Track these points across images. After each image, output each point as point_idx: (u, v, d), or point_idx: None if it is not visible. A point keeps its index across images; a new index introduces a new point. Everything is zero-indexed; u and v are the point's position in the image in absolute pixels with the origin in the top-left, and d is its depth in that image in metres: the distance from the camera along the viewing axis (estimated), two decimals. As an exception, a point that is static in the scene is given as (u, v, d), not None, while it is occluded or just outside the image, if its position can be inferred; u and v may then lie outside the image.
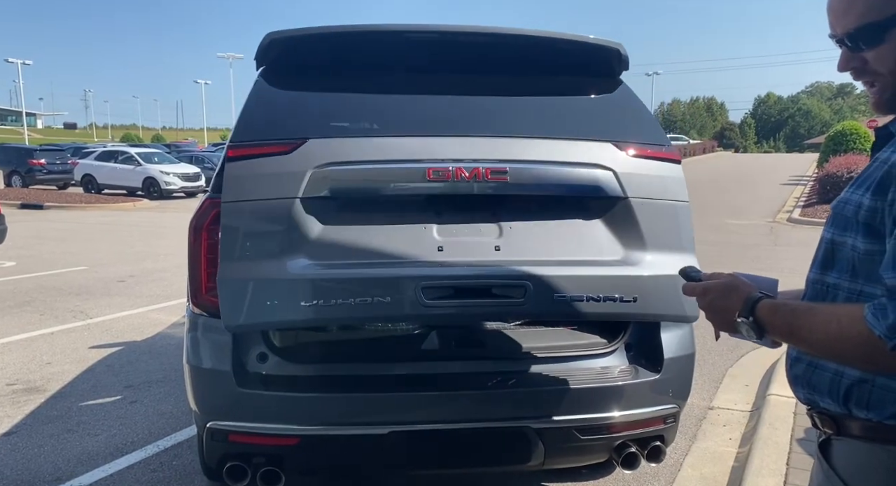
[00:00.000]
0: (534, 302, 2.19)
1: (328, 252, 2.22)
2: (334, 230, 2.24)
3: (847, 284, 1.13)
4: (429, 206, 2.32)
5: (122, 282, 7.96)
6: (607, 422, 2.44)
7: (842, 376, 1.13)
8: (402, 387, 2.40)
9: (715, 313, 1.26)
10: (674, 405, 2.54)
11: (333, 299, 2.15)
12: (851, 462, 1.14)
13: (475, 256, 2.25)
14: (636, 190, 2.34)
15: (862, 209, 1.09)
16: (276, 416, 2.32)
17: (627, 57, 2.69)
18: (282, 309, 2.15)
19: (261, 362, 2.40)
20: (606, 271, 2.29)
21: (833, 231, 1.17)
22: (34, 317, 6.31)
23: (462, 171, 2.21)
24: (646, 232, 2.35)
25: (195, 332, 2.44)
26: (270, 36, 2.54)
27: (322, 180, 2.21)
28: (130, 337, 5.67)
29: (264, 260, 2.18)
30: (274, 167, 2.22)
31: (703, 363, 4.78)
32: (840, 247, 1.15)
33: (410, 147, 2.28)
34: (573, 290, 2.22)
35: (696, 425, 3.91)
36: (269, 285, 2.16)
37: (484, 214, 2.36)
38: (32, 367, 4.91)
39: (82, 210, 17.29)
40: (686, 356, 2.60)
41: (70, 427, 3.83)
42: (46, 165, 23.48)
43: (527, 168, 2.28)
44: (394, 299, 2.15)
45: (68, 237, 11.96)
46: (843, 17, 1.14)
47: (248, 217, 2.21)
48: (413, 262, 2.21)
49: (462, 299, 2.19)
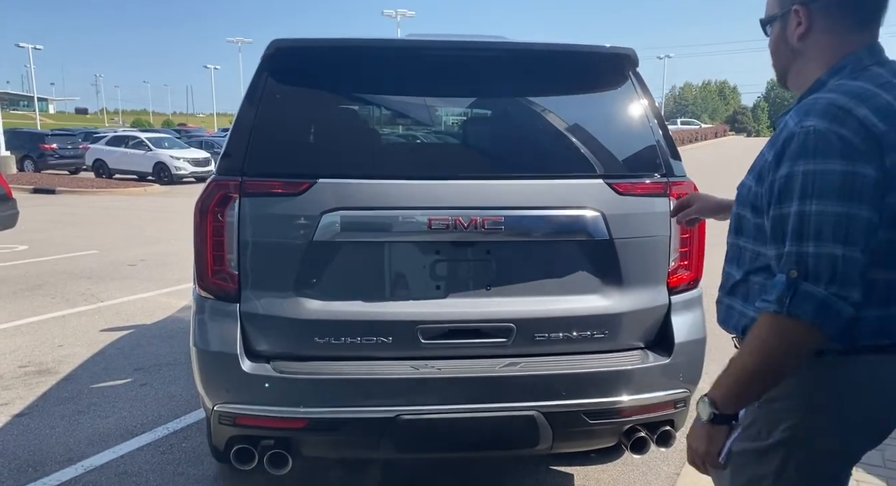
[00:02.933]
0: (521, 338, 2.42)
1: (331, 290, 2.37)
2: (338, 269, 2.37)
3: (751, 246, 1.41)
4: (429, 248, 2.43)
5: (132, 266, 8.00)
6: (616, 406, 2.42)
7: (743, 316, 1.43)
8: (409, 370, 2.38)
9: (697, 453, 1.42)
10: (684, 389, 2.52)
11: (334, 336, 2.37)
12: None
13: (469, 295, 2.44)
14: (621, 230, 2.46)
15: (750, 192, 1.39)
16: (283, 399, 2.31)
17: (636, 58, 2.63)
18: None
19: (268, 347, 2.39)
20: (589, 308, 2.46)
21: (737, 206, 1.46)
22: (46, 300, 6.36)
23: (461, 221, 2.35)
24: (624, 269, 2.47)
25: (202, 315, 2.43)
26: (276, 44, 2.49)
27: (329, 224, 2.32)
28: (140, 320, 5.71)
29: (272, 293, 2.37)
30: (286, 208, 2.34)
31: (715, 350, 4.73)
32: (743, 219, 1.44)
33: (414, 192, 2.40)
34: (560, 327, 2.45)
35: (706, 410, 3.87)
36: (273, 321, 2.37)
37: (480, 254, 2.46)
38: (44, 349, 4.95)
39: (93, 195, 17.37)
40: (697, 340, 2.58)
41: (81, 409, 3.86)
42: (58, 150, 23.60)
43: (521, 216, 2.42)
44: (395, 338, 2.38)
45: (80, 222, 12.03)
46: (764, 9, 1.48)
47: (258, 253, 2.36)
48: (413, 300, 2.41)
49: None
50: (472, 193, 2.41)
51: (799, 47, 1.41)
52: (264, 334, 2.39)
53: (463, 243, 2.43)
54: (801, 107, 1.31)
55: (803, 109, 1.29)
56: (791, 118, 1.30)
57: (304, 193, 2.35)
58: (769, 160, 1.31)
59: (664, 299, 2.54)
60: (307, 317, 2.37)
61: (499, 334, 2.45)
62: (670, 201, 2.50)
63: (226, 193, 2.34)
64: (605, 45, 2.60)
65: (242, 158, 2.38)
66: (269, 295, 2.38)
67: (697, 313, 2.60)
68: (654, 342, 2.56)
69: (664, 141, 2.57)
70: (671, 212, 2.20)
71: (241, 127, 2.42)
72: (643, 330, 2.55)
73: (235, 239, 2.35)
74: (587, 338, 2.49)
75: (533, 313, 2.46)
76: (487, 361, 2.44)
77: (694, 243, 2.56)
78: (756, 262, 1.39)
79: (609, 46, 2.60)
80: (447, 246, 2.43)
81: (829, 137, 1.22)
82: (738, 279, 1.45)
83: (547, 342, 2.47)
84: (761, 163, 1.36)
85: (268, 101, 2.45)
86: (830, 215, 1.20)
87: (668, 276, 2.54)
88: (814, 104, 1.28)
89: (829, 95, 1.29)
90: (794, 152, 1.25)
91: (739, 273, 1.45)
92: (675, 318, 2.54)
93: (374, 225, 2.40)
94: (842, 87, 1.30)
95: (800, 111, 1.29)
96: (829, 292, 1.19)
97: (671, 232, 2.50)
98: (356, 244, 2.40)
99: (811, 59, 1.40)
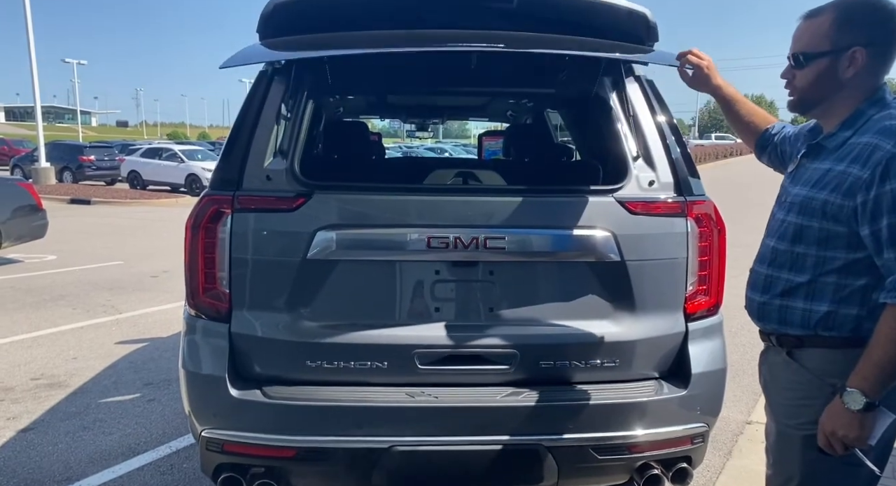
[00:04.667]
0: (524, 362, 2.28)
1: (324, 311, 2.26)
2: (332, 289, 2.26)
3: (814, 252, 1.62)
4: (428, 268, 2.30)
5: (154, 277, 8.05)
6: (628, 441, 2.26)
7: (811, 312, 1.64)
8: (405, 398, 2.25)
9: (841, 430, 1.55)
10: (702, 423, 2.34)
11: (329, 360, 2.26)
12: (818, 360, 1.66)
13: (470, 319, 2.30)
14: (634, 252, 2.29)
15: (829, 205, 1.56)
16: (271, 426, 2.20)
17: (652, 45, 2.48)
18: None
19: (258, 370, 2.29)
20: (598, 334, 2.30)
21: (801, 218, 1.64)
22: (66, 311, 6.40)
23: (461, 239, 2.21)
24: (637, 294, 2.31)
25: (192, 335, 2.35)
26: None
27: (324, 242, 2.22)
28: (156, 333, 5.69)
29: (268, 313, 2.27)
30: (279, 225, 2.24)
31: (740, 374, 4.51)
32: (807, 229, 1.62)
33: (412, 208, 2.30)
34: (567, 354, 2.30)
35: (732, 440, 3.66)
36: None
37: (481, 274, 2.33)
38: (58, 361, 4.94)
39: (127, 206, 17.71)
40: (717, 371, 2.39)
41: (86, 425, 3.81)
42: (95, 162, 24.21)
43: (524, 235, 2.28)
44: (390, 363, 2.26)
45: (110, 232, 12.23)
46: (794, 42, 1.66)
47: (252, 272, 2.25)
48: (410, 323, 2.29)
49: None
50: (474, 210, 2.29)
51: (846, 82, 1.60)
52: (255, 357, 2.29)
53: (464, 263, 2.30)
54: (884, 131, 1.51)
55: (890, 133, 1.50)
56: (881, 141, 1.50)
57: (298, 209, 2.26)
58: (864, 178, 1.49)
59: (681, 326, 2.36)
60: (299, 339, 2.26)
61: (501, 360, 2.30)
62: (688, 222, 2.34)
63: (218, 209, 2.26)
64: (617, 55, 2.45)
65: (237, 172, 2.29)
66: (260, 315, 2.28)
67: (717, 342, 2.42)
68: (670, 372, 2.39)
69: (681, 157, 2.41)
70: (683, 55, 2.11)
71: (236, 140, 2.34)
72: (658, 359, 2.38)
73: (227, 256, 2.26)
74: (597, 367, 2.33)
75: (538, 339, 2.31)
76: (488, 389, 2.29)
77: (714, 266, 2.38)
78: (825, 265, 1.60)
79: (622, 56, 2.45)
80: (447, 266, 2.30)
81: None
82: (800, 282, 1.65)
83: (553, 371, 2.32)
84: (848, 179, 1.53)
85: (267, 111, 2.37)
86: None
87: (686, 301, 2.37)
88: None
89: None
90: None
91: (802, 277, 1.64)
92: (693, 347, 2.36)
93: (369, 243, 2.28)
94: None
95: (888, 135, 1.50)
96: None
97: (689, 254, 2.33)
98: (351, 263, 2.29)
99: (850, 94, 1.61)
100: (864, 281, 1.58)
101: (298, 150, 2.41)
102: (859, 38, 1.56)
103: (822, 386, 1.63)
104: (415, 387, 2.29)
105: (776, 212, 1.78)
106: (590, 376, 2.33)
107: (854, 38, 1.56)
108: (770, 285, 1.73)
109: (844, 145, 1.60)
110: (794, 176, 1.76)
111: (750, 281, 1.84)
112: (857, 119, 1.60)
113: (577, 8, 2.45)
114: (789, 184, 1.76)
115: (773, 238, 1.74)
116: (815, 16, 1.63)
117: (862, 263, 1.57)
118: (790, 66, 1.69)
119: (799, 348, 1.70)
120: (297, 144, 2.41)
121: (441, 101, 4.13)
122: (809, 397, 1.66)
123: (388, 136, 3.36)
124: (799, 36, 1.65)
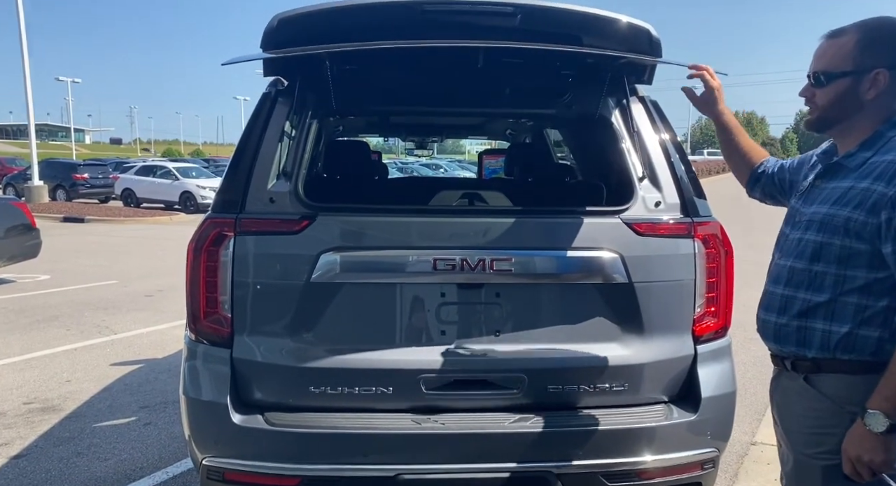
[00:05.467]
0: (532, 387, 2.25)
1: (328, 335, 2.23)
2: (336, 313, 2.23)
3: (834, 270, 1.60)
4: (434, 291, 2.28)
5: (149, 296, 7.96)
6: (638, 467, 2.22)
7: (830, 333, 1.61)
8: (411, 425, 2.21)
9: (870, 454, 1.53)
10: (712, 448, 2.31)
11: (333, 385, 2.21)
12: (837, 386, 1.62)
13: (477, 343, 2.26)
14: (642, 274, 2.27)
15: (852, 223, 1.56)
16: (274, 454, 2.15)
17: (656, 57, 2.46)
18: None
19: (261, 397, 2.24)
20: (607, 358, 2.27)
21: (821, 235, 1.62)
22: (60, 332, 6.32)
23: (467, 261, 2.18)
24: (645, 316, 2.29)
25: (193, 361, 2.29)
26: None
27: (328, 264, 2.19)
28: (152, 354, 5.61)
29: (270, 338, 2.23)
30: (282, 248, 2.21)
31: (744, 393, 4.45)
32: (828, 246, 1.60)
33: (418, 230, 2.28)
34: (576, 378, 2.27)
35: (738, 462, 3.61)
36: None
37: (488, 297, 2.30)
38: (52, 385, 4.86)
39: (120, 224, 17.61)
40: (726, 394, 2.36)
41: (80, 450, 3.73)
42: (89, 180, 24.12)
43: (531, 257, 2.26)
44: (396, 388, 2.22)
45: (104, 251, 12.14)
46: (816, 61, 1.66)
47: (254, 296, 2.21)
48: (416, 347, 2.25)
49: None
50: (480, 232, 2.26)
51: (866, 103, 1.61)
52: (257, 383, 2.24)
53: (470, 286, 2.27)
54: None
55: None
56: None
57: (301, 232, 2.22)
58: (889, 194, 1.50)
59: (689, 348, 2.33)
60: (302, 364, 2.22)
61: (509, 384, 2.26)
62: (695, 243, 2.32)
63: (220, 232, 2.23)
64: (631, 56, 2.42)
65: (240, 194, 2.27)
66: (263, 340, 2.24)
67: (726, 365, 2.39)
68: (679, 396, 2.36)
69: (687, 177, 2.40)
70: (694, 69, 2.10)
71: (239, 161, 2.32)
72: (666, 383, 2.34)
73: (229, 280, 2.22)
74: (605, 391, 2.29)
75: (546, 363, 2.28)
76: (496, 415, 2.25)
77: (721, 287, 2.36)
78: (845, 285, 1.58)
79: (635, 57, 2.43)
80: (453, 288, 2.27)
81: None
82: (819, 301, 1.63)
83: (561, 395, 2.28)
84: (873, 196, 1.53)
85: (270, 132, 2.35)
86: None
87: (694, 323, 2.34)
88: None
89: None
90: None
91: (822, 296, 1.62)
92: (702, 370, 2.33)
93: (374, 265, 2.25)
94: None
95: None
96: None
97: (696, 276, 2.31)
98: (356, 286, 2.26)
99: (870, 114, 1.63)
100: (885, 302, 1.56)
101: (302, 171, 2.39)
102: (883, 60, 1.57)
103: (842, 414, 1.60)
104: (420, 413, 2.24)
105: (788, 232, 1.76)
106: (599, 400, 2.30)
107: (878, 60, 1.57)
108: (787, 306, 1.70)
109: (866, 164, 1.60)
110: (806, 197, 1.75)
111: (763, 303, 1.81)
112: (877, 140, 1.61)
113: (580, 23, 2.43)
114: (801, 205, 1.75)
115: (788, 258, 1.71)
116: (839, 36, 1.63)
117: (884, 283, 1.56)
118: (810, 84, 1.69)
119: (816, 374, 1.67)
120: (301, 166, 2.38)
121: (443, 120, 4.12)
122: (829, 426, 1.63)
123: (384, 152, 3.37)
124: (821, 54, 1.65)
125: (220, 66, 2.36)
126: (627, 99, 2.53)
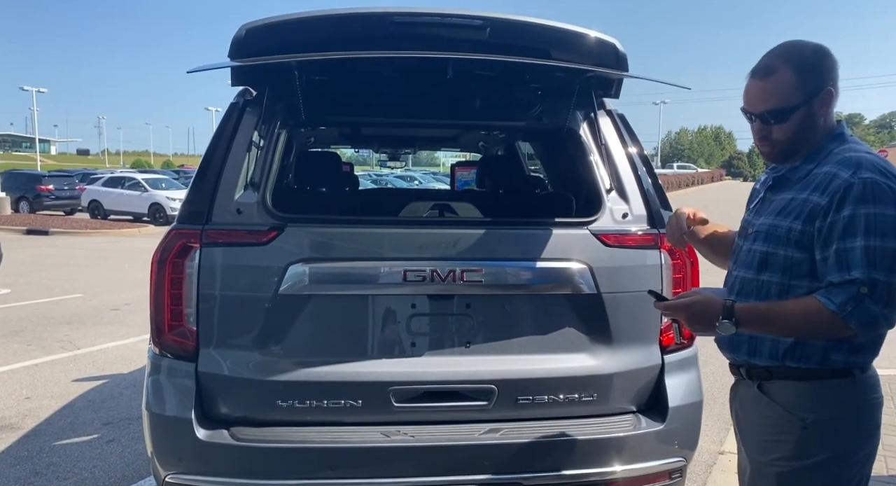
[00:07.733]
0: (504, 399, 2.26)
1: (296, 348, 2.21)
2: (304, 325, 2.22)
3: (778, 279, 1.66)
4: (404, 302, 2.27)
5: (115, 310, 7.79)
6: (606, 478, 2.23)
7: (779, 343, 1.66)
8: (380, 438, 2.19)
9: (700, 322, 1.66)
10: (680, 458, 2.33)
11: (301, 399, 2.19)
12: (787, 393, 1.67)
13: (447, 354, 2.27)
14: (610, 284, 2.30)
15: (792, 232, 1.62)
16: (240, 469, 2.11)
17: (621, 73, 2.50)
18: None
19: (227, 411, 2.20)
20: (576, 368, 2.29)
21: (766, 246, 1.67)
22: (20, 347, 6.13)
23: (438, 273, 2.19)
24: (613, 326, 2.31)
25: (157, 375, 2.25)
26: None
27: (296, 276, 2.17)
28: (116, 369, 5.48)
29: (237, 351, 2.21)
30: (250, 259, 2.19)
31: (712, 403, 4.51)
32: (773, 256, 1.66)
33: (387, 241, 2.28)
34: (545, 389, 2.28)
35: (706, 472, 3.65)
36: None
37: (458, 308, 2.31)
38: (10, 402, 4.71)
39: (87, 236, 17.22)
40: (693, 404, 2.39)
41: (39, 470, 3.61)
42: (54, 191, 23.57)
43: (501, 268, 2.27)
44: (365, 401, 2.21)
45: (69, 263, 11.85)
46: (760, 102, 1.67)
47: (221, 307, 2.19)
48: (386, 359, 2.25)
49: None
50: (451, 243, 2.26)
51: (821, 121, 1.67)
52: (223, 397, 2.20)
53: (440, 297, 2.27)
54: (843, 162, 1.58)
55: (849, 164, 1.57)
56: (840, 170, 1.57)
57: (269, 243, 2.20)
58: (822, 204, 1.56)
59: (657, 358, 2.36)
60: (269, 378, 2.19)
61: (479, 396, 2.26)
62: (661, 254, 2.35)
63: (185, 243, 2.20)
64: (629, 74, 2.46)
65: (206, 205, 2.24)
66: (229, 353, 2.20)
67: (693, 374, 2.42)
68: (647, 406, 2.38)
69: (653, 189, 2.43)
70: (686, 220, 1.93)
71: (205, 172, 2.29)
72: (635, 393, 2.36)
73: (195, 292, 2.19)
74: (574, 401, 2.30)
75: (516, 374, 2.28)
76: (466, 426, 2.25)
77: None
78: (790, 293, 1.63)
79: (632, 75, 2.47)
80: (423, 300, 2.27)
81: (883, 187, 1.53)
82: None
83: (531, 406, 2.29)
84: (809, 206, 1.59)
85: (237, 143, 2.33)
86: (890, 250, 1.49)
87: (661, 333, 2.37)
88: (858, 160, 1.57)
89: (862, 154, 1.60)
90: (855, 198, 1.52)
91: None
92: (669, 379, 2.36)
93: (344, 277, 2.24)
94: (859, 148, 1.64)
95: (846, 165, 1.57)
96: (882, 312, 1.49)
97: (663, 286, 2.34)
98: (324, 298, 2.24)
99: (820, 130, 1.68)
100: None
101: (270, 182, 2.37)
102: (825, 80, 1.64)
103: (793, 421, 1.64)
104: (390, 425, 2.22)
105: (741, 244, 1.79)
106: (568, 410, 2.31)
107: (821, 81, 1.64)
108: None
109: (808, 176, 1.66)
110: (757, 210, 1.79)
111: None
112: (818, 153, 1.67)
113: (548, 36, 2.46)
114: (753, 217, 1.79)
115: (740, 268, 1.75)
116: (773, 73, 1.64)
117: None
118: (761, 123, 1.68)
119: (769, 381, 1.70)
120: (269, 177, 2.36)
121: (414, 131, 4.13)
122: (781, 432, 1.66)
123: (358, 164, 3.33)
124: (764, 95, 1.65)
125: (186, 73, 2.34)
126: (595, 112, 2.57)
